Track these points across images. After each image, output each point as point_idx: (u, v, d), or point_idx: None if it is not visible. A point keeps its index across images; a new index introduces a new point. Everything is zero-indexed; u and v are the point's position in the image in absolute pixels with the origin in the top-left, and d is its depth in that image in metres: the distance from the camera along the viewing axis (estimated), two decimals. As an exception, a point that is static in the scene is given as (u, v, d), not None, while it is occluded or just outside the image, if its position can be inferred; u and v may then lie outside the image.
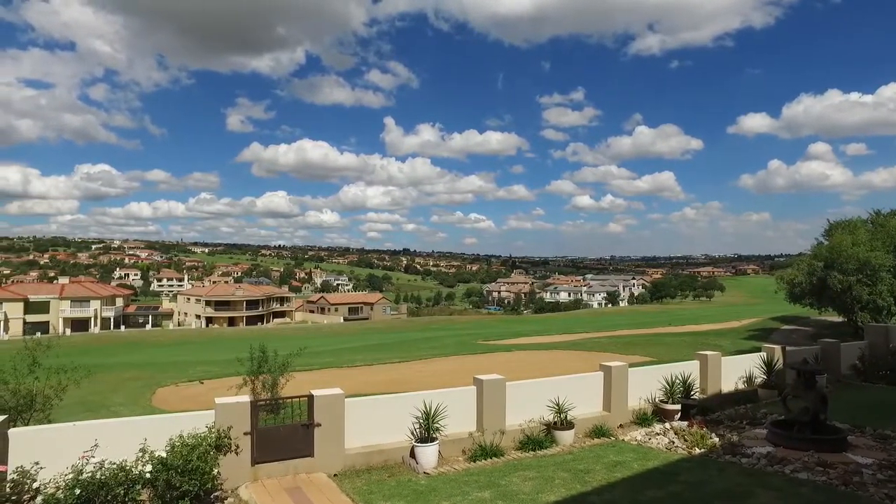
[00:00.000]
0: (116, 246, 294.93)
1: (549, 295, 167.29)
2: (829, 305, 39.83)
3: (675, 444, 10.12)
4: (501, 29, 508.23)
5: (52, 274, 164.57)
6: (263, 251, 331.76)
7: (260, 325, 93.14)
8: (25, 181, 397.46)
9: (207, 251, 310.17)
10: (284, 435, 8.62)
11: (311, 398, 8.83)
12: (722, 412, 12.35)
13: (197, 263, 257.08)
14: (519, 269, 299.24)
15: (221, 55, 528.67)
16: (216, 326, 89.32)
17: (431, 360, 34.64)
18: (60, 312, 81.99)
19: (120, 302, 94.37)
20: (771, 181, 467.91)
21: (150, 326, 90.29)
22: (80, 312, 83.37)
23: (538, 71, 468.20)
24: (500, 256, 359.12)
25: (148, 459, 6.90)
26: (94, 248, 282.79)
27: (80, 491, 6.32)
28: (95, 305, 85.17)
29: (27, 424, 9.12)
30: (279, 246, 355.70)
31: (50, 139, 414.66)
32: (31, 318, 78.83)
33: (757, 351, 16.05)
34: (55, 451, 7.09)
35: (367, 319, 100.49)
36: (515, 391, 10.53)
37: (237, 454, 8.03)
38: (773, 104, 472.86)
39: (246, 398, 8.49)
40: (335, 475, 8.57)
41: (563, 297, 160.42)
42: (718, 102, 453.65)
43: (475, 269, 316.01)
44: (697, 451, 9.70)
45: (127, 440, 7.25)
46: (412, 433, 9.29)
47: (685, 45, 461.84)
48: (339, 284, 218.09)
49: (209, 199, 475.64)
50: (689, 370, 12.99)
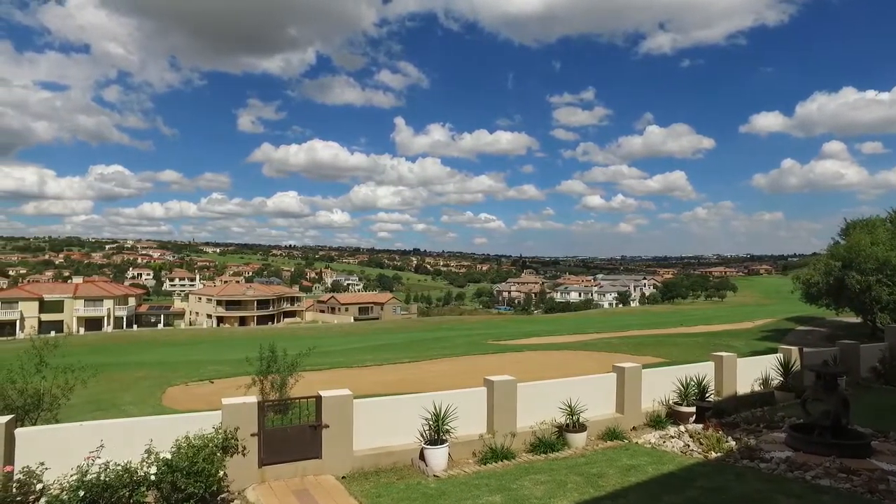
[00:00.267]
0: (129, 246, 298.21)
1: (559, 295, 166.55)
2: (846, 306, 39.17)
3: (690, 447, 9.88)
4: (511, 28, 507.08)
5: (66, 273, 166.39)
6: (274, 251, 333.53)
7: (270, 324, 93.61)
8: (41, 182, 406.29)
9: (219, 251, 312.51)
10: (292, 436, 8.52)
11: (319, 399, 8.71)
12: (738, 415, 12.05)
13: (208, 263, 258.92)
14: (529, 269, 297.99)
15: (233, 56, 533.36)
16: (227, 326, 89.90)
17: (441, 360, 34.53)
18: (74, 311, 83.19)
19: (132, 301, 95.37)
20: (784, 180, 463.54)
21: (161, 326, 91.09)
22: (93, 312, 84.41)
23: (548, 70, 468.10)
24: (510, 256, 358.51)
25: (153, 461, 6.83)
26: (107, 248, 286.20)
27: (84, 493, 6.26)
28: (108, 305, 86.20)
29: (34, 424, 9.10)
30: (290, 246, 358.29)
31: (65, 140, 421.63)
32: (45, 317, 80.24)
33: (772, 352, 15.69)
34: (61, 451, 7.03)
35: (377, 319, 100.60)
36: (526, 392, 10.33)
37: (244, 455, 7.93)
38: (786, 102, 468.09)
39: (253, 399, 8.38)
40: (343, 477, 8.45)
41: (573, 297, 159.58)
42: (731, 101, 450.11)
43: (485, 269, 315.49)
44: (714, 454, 9.46)
45: (133, 441, 7.20)
46: (421, 435, 9.14)
47: (697, 43, 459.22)
48: (349, 284, 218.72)
49: (220, 199, 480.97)
50: (703, 371, 12.76)
